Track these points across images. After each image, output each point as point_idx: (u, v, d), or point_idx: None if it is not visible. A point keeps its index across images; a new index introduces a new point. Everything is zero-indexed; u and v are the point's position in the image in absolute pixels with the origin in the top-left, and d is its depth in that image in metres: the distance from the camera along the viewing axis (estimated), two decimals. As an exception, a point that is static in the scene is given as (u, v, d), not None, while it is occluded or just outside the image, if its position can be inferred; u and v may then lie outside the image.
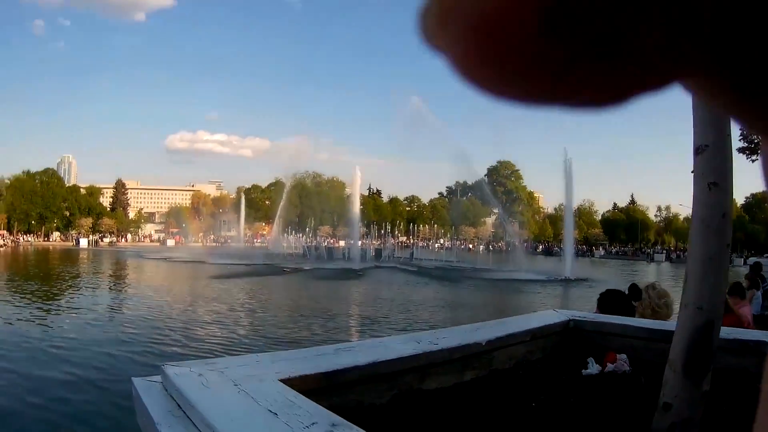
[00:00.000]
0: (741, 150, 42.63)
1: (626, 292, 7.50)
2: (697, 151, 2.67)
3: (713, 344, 2.58)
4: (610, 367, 3.57)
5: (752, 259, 44.34)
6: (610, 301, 6.67)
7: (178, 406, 2.30)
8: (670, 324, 4.34)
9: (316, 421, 1.91)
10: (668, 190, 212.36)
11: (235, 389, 2.29)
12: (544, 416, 2.74)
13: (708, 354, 2.55)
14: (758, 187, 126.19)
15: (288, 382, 2.40)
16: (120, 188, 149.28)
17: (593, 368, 3.57)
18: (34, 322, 19.20)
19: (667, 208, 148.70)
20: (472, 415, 2.70)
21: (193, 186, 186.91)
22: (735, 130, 2.56)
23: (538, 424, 2.61)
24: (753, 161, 40.86)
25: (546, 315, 4.76)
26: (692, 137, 2.75)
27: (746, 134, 41.60)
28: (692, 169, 2.74)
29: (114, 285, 37.48)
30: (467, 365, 3.36)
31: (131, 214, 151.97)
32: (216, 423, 1.91)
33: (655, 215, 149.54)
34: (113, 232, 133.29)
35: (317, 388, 2.47)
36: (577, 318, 4.47)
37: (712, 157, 2.64)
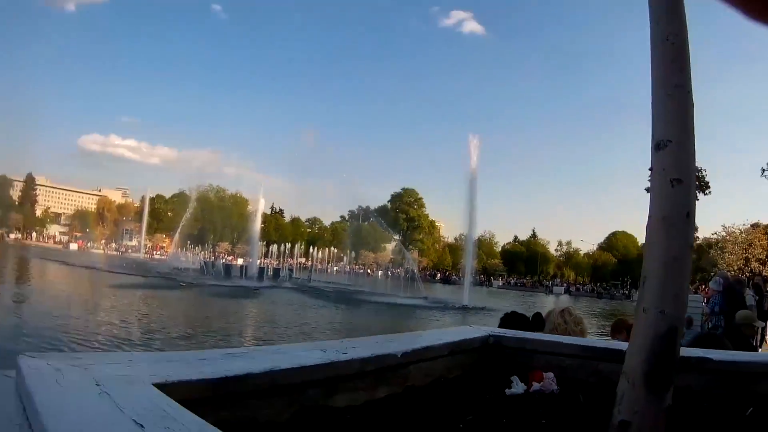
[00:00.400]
0: (649, 190, 44.01)
1: (530, 318, 7.32)
2: (658, 146, 2.42)
3: (677, 353, 2.27)
4: (536, 386, 3.26)
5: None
6: (514, 323, 6.44)
7: (23, 409, 1.76)
8: (601, 342, 4.11)
9: None
10: (570, 226, 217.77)
11: (96, 391, 1.74)
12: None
13: (672, 363, 2.26)
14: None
15: (164, 388, 1.88)
16: (30, 183, 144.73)
17: (518, 387, 3.24)
18: None
19: (568, 243, 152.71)
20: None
21: (100, 190, 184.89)
22: (698, 126, 2.30)
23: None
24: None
25: (463, 330, 4.42)
26: (650, 133, 2.49)
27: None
28: (650, 165, 2.45)
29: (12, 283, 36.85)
30: (380, 380, 2.97)
31: (38, 212, 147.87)
32: None
33: (556, 249, 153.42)
34: (19, 229, 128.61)
35: (201, 398, 1.95)
36: (496, 334, 4.15)
37: (675, 153, 2.40)
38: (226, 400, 2.16)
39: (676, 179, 2.36)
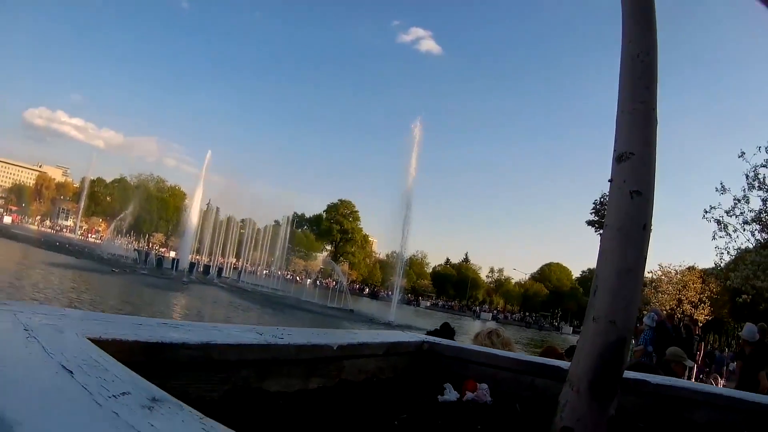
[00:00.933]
0: (590, 223, 44.49)
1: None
2: (620, 158, 2.45)
3: (624, 363, 2.26)
4: (469, 395, 3.22)
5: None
6: (448, 334, 6.45)
7: None
8: (538, 358, 4.09)
9: (128, 390, 1.29)
10: (503, 254, 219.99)
11: (24, 335, 1.64)
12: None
13: (617, 373, 2.24)
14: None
15: (98, 343, 1.79)
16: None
17: (451, 395, 3.20)
18: None
19: (500, 270, 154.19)
20: (323, 429, 2.20)
21: (40, 166, 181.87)
22: (659, 139, 2.33)
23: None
24: (601, 235, 42.98)
25: (397, 334, 4.47)
26: (613, 143, 2.51)
27: (598, 208, 43.52)
28: (610, 177, 2.46)
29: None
30: (314, 370, 2.92)
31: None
32: None
33: (487, 276, 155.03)
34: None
35: (133, 362, 1.81)
36: (431, 341, 4.11)
37: (636, 165, 2.43)
38: (159, 368, 2.08)
39: (636, 191, 2.38)
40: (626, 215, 2.36)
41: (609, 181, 2.48)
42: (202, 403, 2.10)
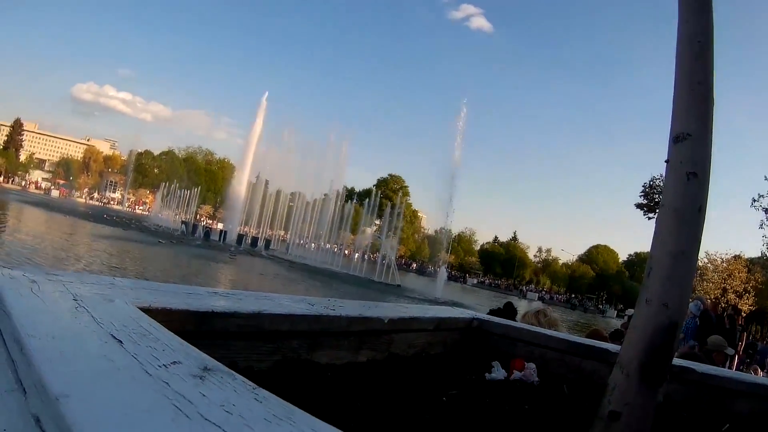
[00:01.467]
0: (639, 206, 43.93)
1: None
2: (677, 139, 2.36)
3: (675, 348, 2.22)
4: (516, 374, 3.19)
5: (631, 310, 45.90)
6: (510, 314, 6.43)
7: None
8: (586, 340, 4.04)
9: (179, 360, 1.27)
10: (552, 234, 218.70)
11: (73, 304, 1.64)
12: (458, 412, 2.27)
13: (668, 358, 2.19)
14: (643, 246, 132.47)
15: (147, 312, 1.77)
16: (17, 128, 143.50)
17: (498, 373, 3.16)
18: None
19: (548, 250, 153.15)
20: (371, 402, 2.19)
21: (88, 140, 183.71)
22: (717, 121, 2.28)
23: (452, 421, 2.13)
24: (649, 219, 42.15)
25: (447, 309, 4.33)
26: (670, 123, 2.42)
27: (647, 191, 42.98)
28: (666, 157, 2.39)
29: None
30: (364, 343, 2.91)
31: (22, 157, 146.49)
32: (30, 341, 1.23)
33: (535, 255, 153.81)
34: (1, 173, 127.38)
35: (183, 330, 1.78)
36: (480, 318, 4.06)
37: (693, 147, 2.34)
38: (209, 336, 2.09)
39: (692, 173, 2.30)
40: (682, 197, 2.30)
41: (665, 162, 2.43)
42: (251, 373, 2.10)
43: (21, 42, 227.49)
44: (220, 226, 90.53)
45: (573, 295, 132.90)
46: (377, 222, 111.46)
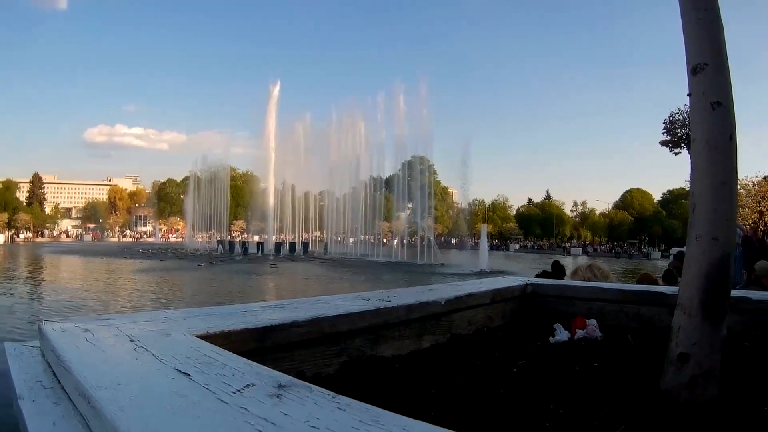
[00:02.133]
0: (664, 143, 43.46)
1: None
2: (694, 70, 2.34)
3: (730, 280, 2.19)
4: (580, 333, 3.19)
5: (675, 249, 45.56)
6: (559, 273, 6.46)
7: (54, 374, 1.66)
8: (642, 286, 4.03)
9: (252, 382, 1.26)
10: (585, 186, 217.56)
11: (131, 346, 1.64)
12: (531, 381, 2.26)
13: (726, 291, 2.17)
14: (675, 183, 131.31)
15: (206, 339, 1.79)
16: (36, 182, 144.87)
17: (562, 335, 3.16)
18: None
19: (583, 203, 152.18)
20: (444, 387, 2.17)
21: (110, 180, 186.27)
22: (730, 49, 2.26)
23: (526, 390, 2.12)
24: (676, 154, 41.71)
25: (499, 280, 4.33)
26: (685, 56, 2.40)
27: (669, 128, 42.57)
28: (688, 91, 2.37)
29: (37, 279, 36.79)
30: (425, 329, 2.91)
31: (47, 210, 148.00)
32: (96, 393, 1.21)
33: (571, 210, 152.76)
34: (29, 228, 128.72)
35: (245, 350, 1.81)
36: (534, 282, 4.07)
37: (712, 76, 2.32)
38: (272, 351, 2.09)
39: (716, 102, 2.27)
40: (711, 127, 2.28)
41: (688, 95, 2.41)
42: (320, 379, 2.11)
43: (26, 98, 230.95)
44: (256, 238, 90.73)
45: (615, 244, 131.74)
46: (410, 205, 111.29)
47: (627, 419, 1.86)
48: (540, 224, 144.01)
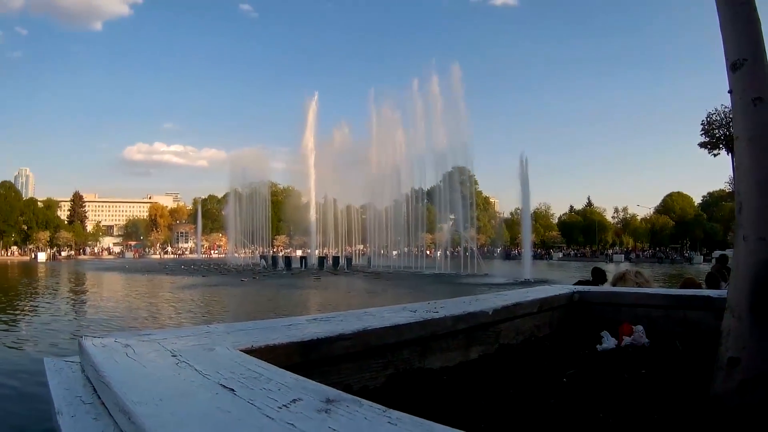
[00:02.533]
0: (702, 145, 43.01)
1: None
2: (734, 66, 2.32)
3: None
4: (626, 340, 3.16)
5: (717, 252, 44.97)
6: (600, 279, 6.40)
7: (94, 389, 1.64)
8: (687, 290, 3.98)
9: (298, 396, 1.23)
10: (625, 192, 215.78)
11: (173, 361, 1.62)
12: (580, 390, 2.23)
13: None
14: (715, 185, 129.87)
15: (251, 353, 1.76)
16: (77, 201, 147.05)
17: (609, 342, 3.13)
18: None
19: (625, 209, 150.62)
20: (494, 399, 2.14)
21: (150, 198, 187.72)
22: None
23: (576, 400, 2.09)
24: (715, 156, 41.25)
25: (546, 288, 4.31)
26: (723, 54, 2.36)
27: (707, 129, 42.12)
28: (729, 88, 2.33)
29: (78, 295, 37.20)
30: (472, 339, 2.88)
31: (89, 227, 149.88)
32: (137, 408, 1.18)
33: (613, 216, 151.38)
34: (71, 246, 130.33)
35: (291, 364, 1.76)
36: (580, 290, 4.04)
37: (752, 72, 2.29)
38: (318, 365, 2.07)
39: (757, 98, 2.23)
40: (754, 124, 2.24)
41: (728, 92, 2.37)
42: (367, 393, 2.08)
43: (65, 119, 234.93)
44: (299, 253, 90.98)
45: (657, 249, 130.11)
46: (452, 216, 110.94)
47: (677, 426, 1.83)
48: (582, 232, 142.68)
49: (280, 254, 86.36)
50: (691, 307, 3.43)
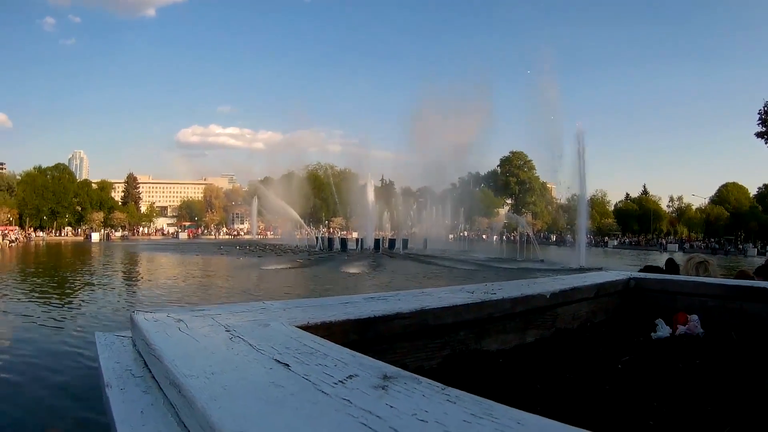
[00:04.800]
0: (759, 134, 42.04)
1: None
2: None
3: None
4: (681, 329, 3.10)
5: (772, 245, 44.31)
6: (673, 269, 6.34)
7: (144, 363, 1.66)
8: (745, 281, 3.91)
9: (355, 373, 1.22)
10: (681, 180, 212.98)
11: (227, 336, 1.62)
12: (634, 378, 2.21)
13: None
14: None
15: (306, 329, 1.76)
16: (131, 182, 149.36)
17: (663, 330, 3.08)
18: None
19: (680, 198, 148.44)
20: (550, 382, 2.12)
21: (205, 180, 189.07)
22: None
23: (630, 387, 2.07)
24: (773, 146, 40.24)
25: (602, 274, 4.27)
26: None
27: (764, 118, 41.15)
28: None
29: (128, 273, 37.83)
30: (529, 322, 2.88)
31: (143, 208, 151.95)
32: (188, 381, 1.19)
33: (668, 205, 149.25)
34: (125, 226, 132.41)
35: (347, 342, 1.80)
36: (636, 277, 3.97)
37: None
38: (374, 343, 2.07)
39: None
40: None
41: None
42: (422, 373, 2.05)
43: (119, 103, 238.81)
44: (355, 234, 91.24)
45: (711, 239, 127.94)
46: (508, 201, 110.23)
47: (732, 419, 1.81)
48: (637, 220, 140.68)
49: (336, 236, 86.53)
50: (748, 299, 3.35)
